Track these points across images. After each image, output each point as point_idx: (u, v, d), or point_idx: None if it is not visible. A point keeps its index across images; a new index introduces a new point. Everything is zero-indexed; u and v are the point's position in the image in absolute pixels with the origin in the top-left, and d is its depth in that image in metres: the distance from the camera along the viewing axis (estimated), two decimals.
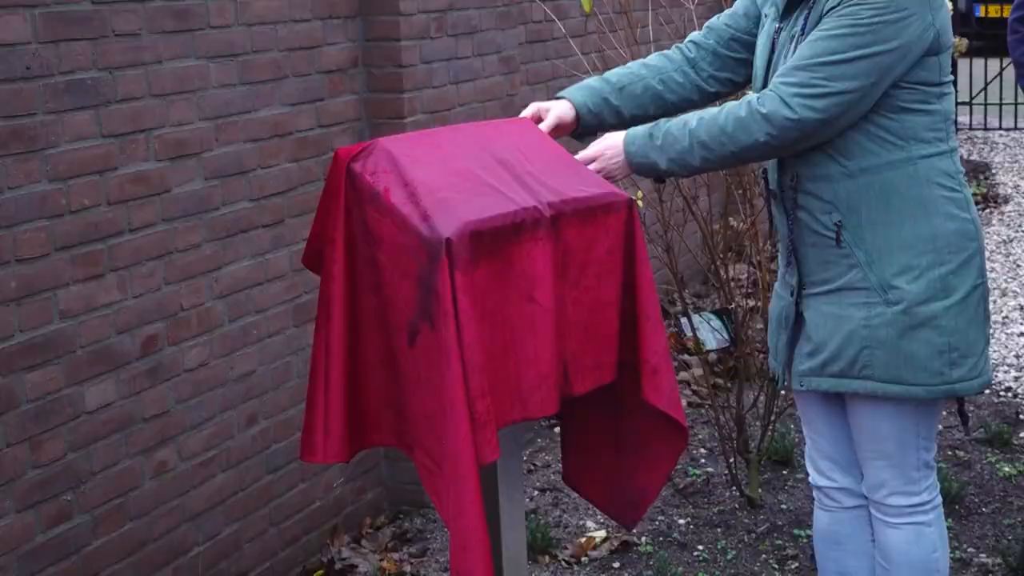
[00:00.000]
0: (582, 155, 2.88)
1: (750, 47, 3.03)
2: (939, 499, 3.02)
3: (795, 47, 2.81)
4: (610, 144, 2.86)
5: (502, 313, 2.55)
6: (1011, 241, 7.91)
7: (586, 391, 2.71)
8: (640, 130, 2.86)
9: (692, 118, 2.81)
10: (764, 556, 4.13)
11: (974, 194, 8.81)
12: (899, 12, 2.68)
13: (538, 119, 2.94)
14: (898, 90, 2.75)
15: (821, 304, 2.90)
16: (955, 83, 2.94)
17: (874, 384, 2.84)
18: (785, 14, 2.88)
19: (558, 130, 2.93)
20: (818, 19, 2.76)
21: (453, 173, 2.63)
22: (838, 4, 2.71)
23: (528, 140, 2.82)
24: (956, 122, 2.96)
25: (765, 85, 2.86)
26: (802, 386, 2.96)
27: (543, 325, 2.59)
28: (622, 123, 2.97)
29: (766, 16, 2.97)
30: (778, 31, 2.89)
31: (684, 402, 5.32)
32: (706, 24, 3.14)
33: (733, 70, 3.08)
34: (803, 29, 2.81)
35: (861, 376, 2.85)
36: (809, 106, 2.70)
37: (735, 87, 3.15)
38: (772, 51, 2.90)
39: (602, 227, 2.68)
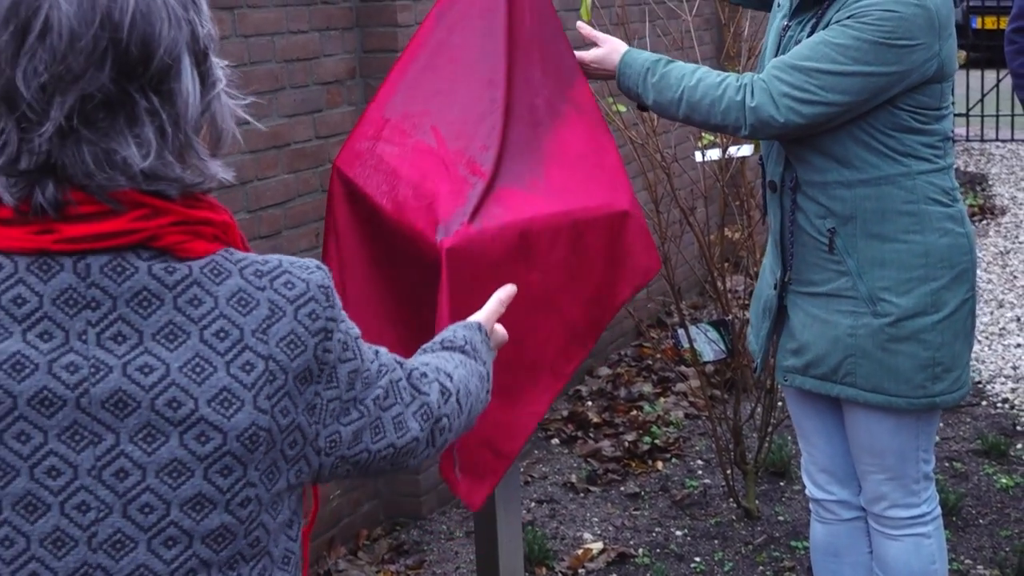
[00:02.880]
0: (590, 32, 2.92)
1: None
2: (938, 510, 3.02)
3: None
4: (612, 49, 2.90)
5: (529, 296, 2.61)
6: (1008, 252, 7.90)
7: (627, 298, 2.82)
8: (640, 59, 2.87)
9: (692, 75, 2.81)
10: (761, 568, 4.13)
11: (971, 205, 8.82)
12: (907, 39, 2.66)
13: None
14: (898, 110, 2.74)
15: (808, 305, 2.89)
16: (952, 94, 2.93)
17: (855, 391, 2.84)
18: (796, 13, 2.87)
19: None
20: (825, 28, 2.75)
21: (447, 167, 2.63)
22: (848, 18, 2.68)
23: (520, 100, 2.75)
24: (953, 136, 2.95)
25: None
26: (786, 381, 2.97)
27: (569, 293, 2.67)
28: None
29: (779, 6, 2.97)
30: (786, 28, 2.88)
31: (681, 413, 5.32)
32: None
33: None
34: (810, 35, 2.79)
35: (844, 382, 2.85)
36: (796, 110, 2.70)
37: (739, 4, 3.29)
38: (778, 46, 2.90)
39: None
